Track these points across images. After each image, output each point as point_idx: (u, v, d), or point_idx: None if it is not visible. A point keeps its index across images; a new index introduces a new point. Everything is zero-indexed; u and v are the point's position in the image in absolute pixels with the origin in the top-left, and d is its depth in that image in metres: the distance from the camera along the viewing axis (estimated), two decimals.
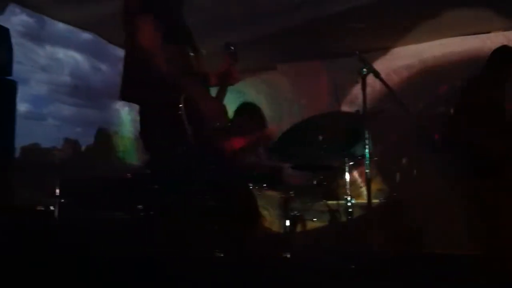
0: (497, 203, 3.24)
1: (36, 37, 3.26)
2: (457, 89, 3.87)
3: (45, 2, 4.10)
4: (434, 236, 4.09)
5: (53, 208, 3.47)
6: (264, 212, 3.57)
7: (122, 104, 5.06)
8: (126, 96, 2.32)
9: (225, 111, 2.38)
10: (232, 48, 2.66)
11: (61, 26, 4.53)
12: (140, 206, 3.41)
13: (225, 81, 2.52)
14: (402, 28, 4.75)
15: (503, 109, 3.52)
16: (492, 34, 4.85)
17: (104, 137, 5.11)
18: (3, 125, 2.77)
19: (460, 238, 3.78)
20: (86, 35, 4.77)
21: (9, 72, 2.91)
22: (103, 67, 5.10)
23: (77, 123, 4.96)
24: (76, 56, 4.84)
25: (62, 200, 3.48)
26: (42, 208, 3.57)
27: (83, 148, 4.75)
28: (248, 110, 4.14)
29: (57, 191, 3.52)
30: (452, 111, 3.77)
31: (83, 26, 4.61)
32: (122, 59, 2.28)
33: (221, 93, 2.48)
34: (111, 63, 5.05)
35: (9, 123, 2.82)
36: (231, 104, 2.52)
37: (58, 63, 4.59)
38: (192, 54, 2.35)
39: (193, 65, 2.34)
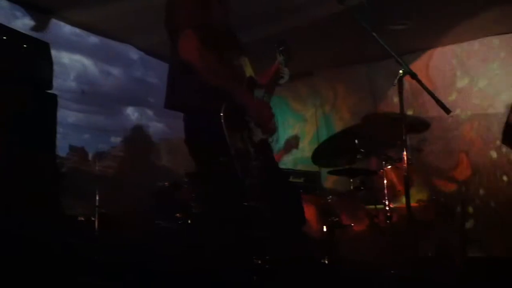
0: None
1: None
2: None
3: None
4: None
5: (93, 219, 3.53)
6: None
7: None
8: (170, 104, 2.35)
9: (273, 114, 2.37)
10: (284, 46, 2.60)
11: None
12: (178, 215, 3.44)
13: (275, 83, 2.52)
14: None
15: None
16: None
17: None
18: (46, 138, 2.83)
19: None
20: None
21: (50, 86, 2.98)
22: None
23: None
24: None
25: (102, 210, 3.54)
26: (82, 219, 3.63)
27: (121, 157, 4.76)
28: None
29: (97, 200, 3.58)
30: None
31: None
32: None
33: (268, 96, 2.47)
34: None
35: (52, 136, 2.88)
36: None
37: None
38: (239, 59, 2.38)
39: (239, 70, 2.36)
